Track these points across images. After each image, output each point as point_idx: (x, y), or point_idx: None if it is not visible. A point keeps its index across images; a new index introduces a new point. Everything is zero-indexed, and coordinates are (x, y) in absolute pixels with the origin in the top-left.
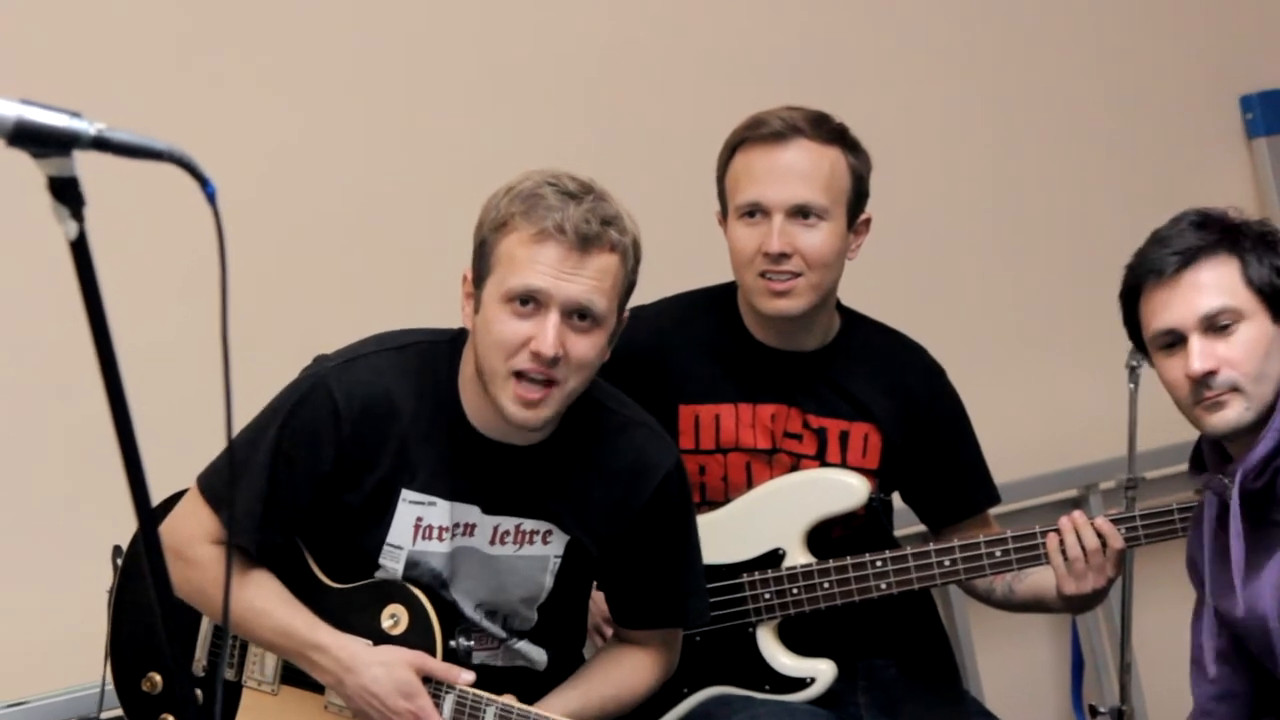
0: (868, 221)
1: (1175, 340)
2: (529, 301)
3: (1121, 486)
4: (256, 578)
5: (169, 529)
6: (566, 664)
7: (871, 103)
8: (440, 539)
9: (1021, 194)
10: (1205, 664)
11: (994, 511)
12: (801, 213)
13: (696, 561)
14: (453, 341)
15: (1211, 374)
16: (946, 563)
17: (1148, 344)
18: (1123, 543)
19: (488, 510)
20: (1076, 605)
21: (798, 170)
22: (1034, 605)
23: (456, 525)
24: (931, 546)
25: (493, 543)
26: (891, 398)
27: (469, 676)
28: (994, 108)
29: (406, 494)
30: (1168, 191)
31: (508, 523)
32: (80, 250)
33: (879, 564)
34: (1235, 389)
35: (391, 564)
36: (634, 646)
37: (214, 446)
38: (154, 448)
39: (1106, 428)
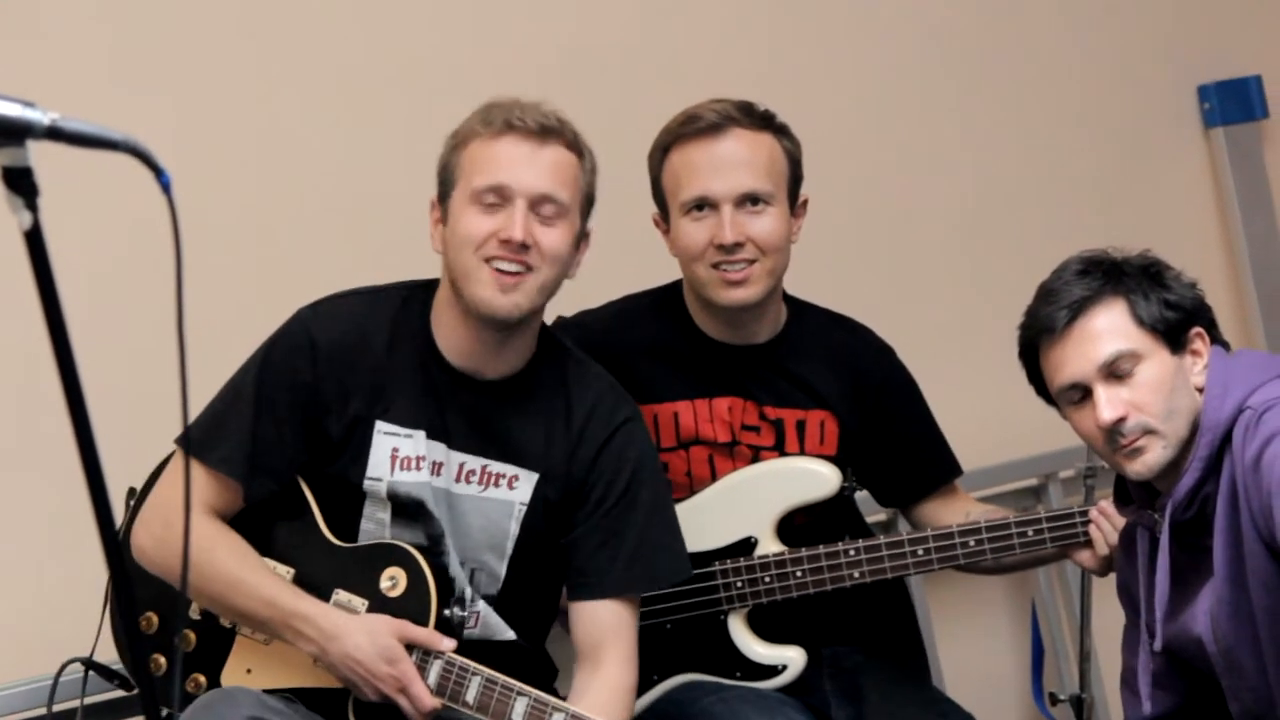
0: (805, 203)
1: (1081, 394)
2: (494, 198)
3: (1080, 475)
4: (233, 546)
5: (158, 499)
6: (532, 644)
7: (835, 94)
8: (418, 469)
9: (981, 185)
10: (1139, 691)
11: None
12: (749, 200)
13: (668, 515)
14: (427, 285)
15: (1122, 420)
16: (920, 552)
17: (1055, 400)
18: None
19: (454, 446)
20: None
21: (739, 159)
22: (1030, 564)
23: (431, 460)
24: (905, 536)
25: (458, 480)
26: (844, 381)
27: (450, 643)
28: (954, 99)
29: (381, 425)
30: (1126, 181)
31: (474, 462)
32: (35, 240)
33: (852, 553)
34: (1149, 431)
35: (374, 506)
36: (593, 687)
37: (174, 435)
38: (112, 439)
39: None
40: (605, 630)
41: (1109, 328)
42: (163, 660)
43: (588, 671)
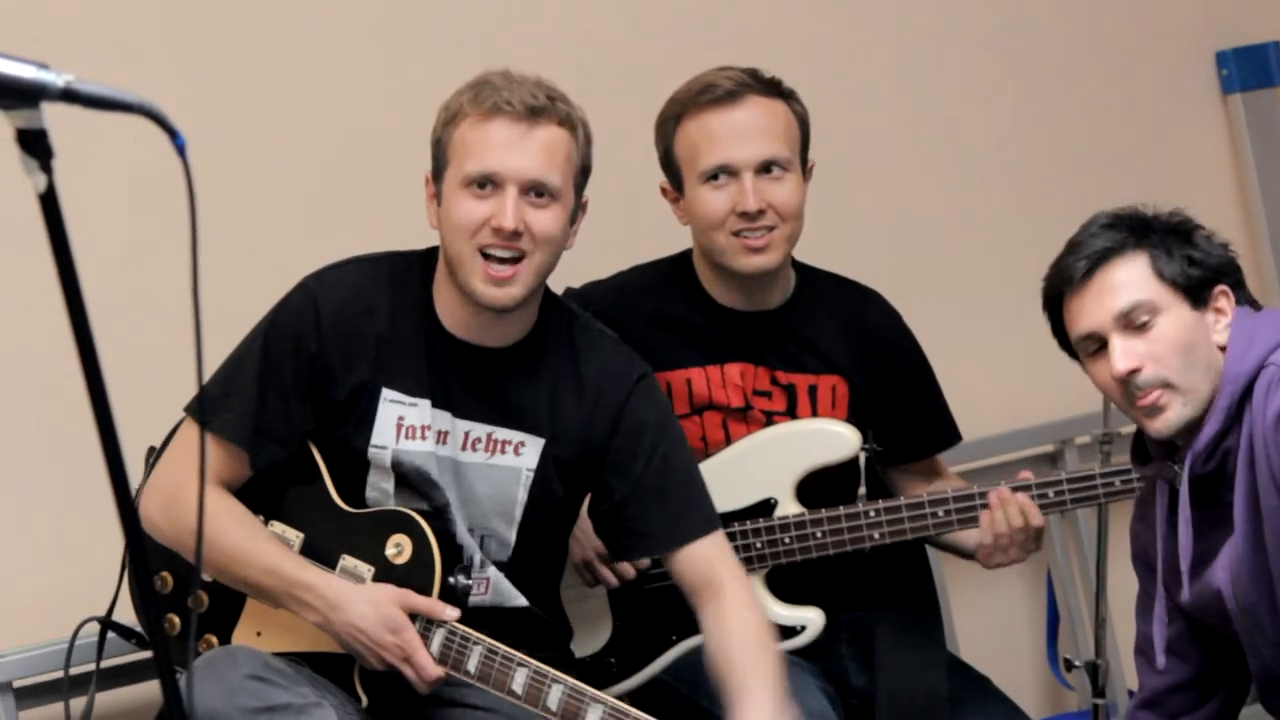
0: (812, 167)
1: (1099, 345)
2: (486, 184)
3: (1096, 442)
4: (237, 516)
5: (165, 469)
6: (544, 609)
7: (845, 56)
8: (423, 438)
9: (995, 150)
10: (1154, 656)
11: (971, 466)
12: (767, 168)
13: (690, 468)
14: (428, 253)
15: (1136, 372)
16: (940, 513)
17: (1077, 352)
18: (1042, 520)
19: (460, 415)
20: (990, 566)
21: (759, 127)
22: (951, 551)
23: (436, 430)
24: (926, 497)
25: (464, 448)
26: (854, 345)
27: (454, 613)
28: (968, 63)
29: (387, 393)
30: (1143, 147)
31: (479, 429)
32: (49, 203)
33: (872, 514)
34: (1166, 385)
35: (378, 475)
36: (717, 623)
37: (188, 398)
38: (129, 402)
39: (1081, 383)
40: (708, 563)
41: (1128, 279)
42: (177, 620)
43: (709, 602)
